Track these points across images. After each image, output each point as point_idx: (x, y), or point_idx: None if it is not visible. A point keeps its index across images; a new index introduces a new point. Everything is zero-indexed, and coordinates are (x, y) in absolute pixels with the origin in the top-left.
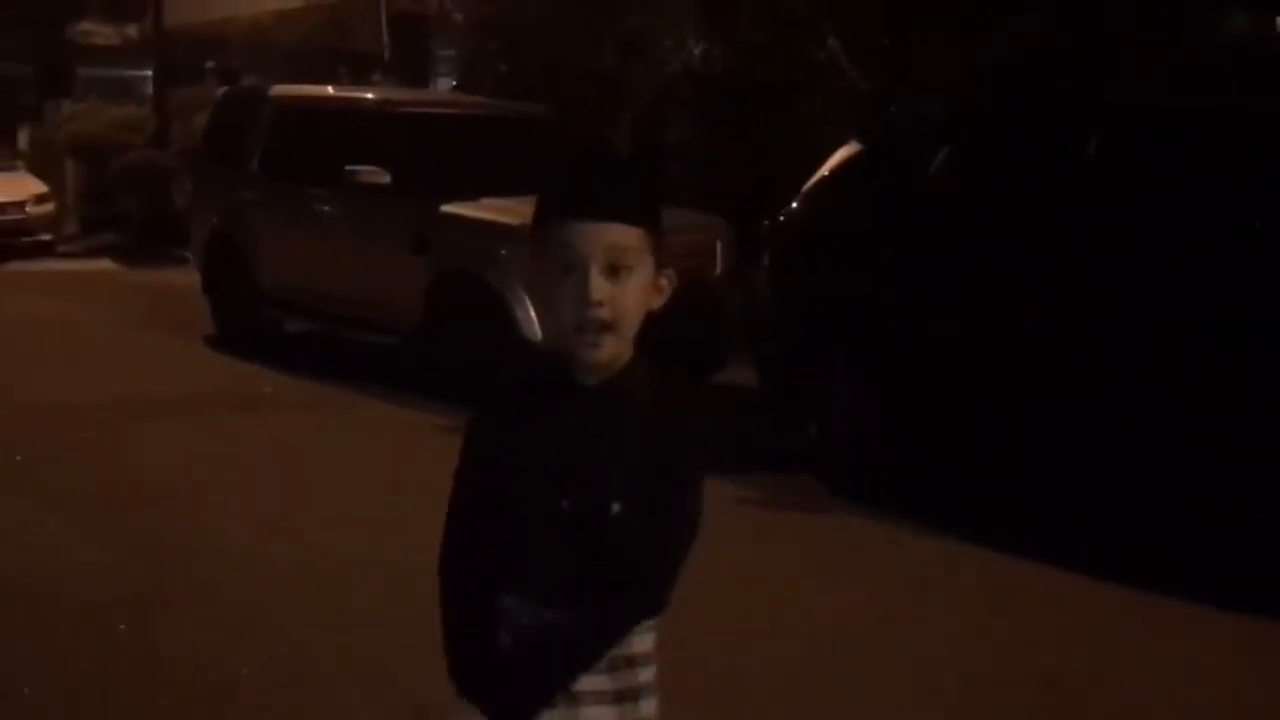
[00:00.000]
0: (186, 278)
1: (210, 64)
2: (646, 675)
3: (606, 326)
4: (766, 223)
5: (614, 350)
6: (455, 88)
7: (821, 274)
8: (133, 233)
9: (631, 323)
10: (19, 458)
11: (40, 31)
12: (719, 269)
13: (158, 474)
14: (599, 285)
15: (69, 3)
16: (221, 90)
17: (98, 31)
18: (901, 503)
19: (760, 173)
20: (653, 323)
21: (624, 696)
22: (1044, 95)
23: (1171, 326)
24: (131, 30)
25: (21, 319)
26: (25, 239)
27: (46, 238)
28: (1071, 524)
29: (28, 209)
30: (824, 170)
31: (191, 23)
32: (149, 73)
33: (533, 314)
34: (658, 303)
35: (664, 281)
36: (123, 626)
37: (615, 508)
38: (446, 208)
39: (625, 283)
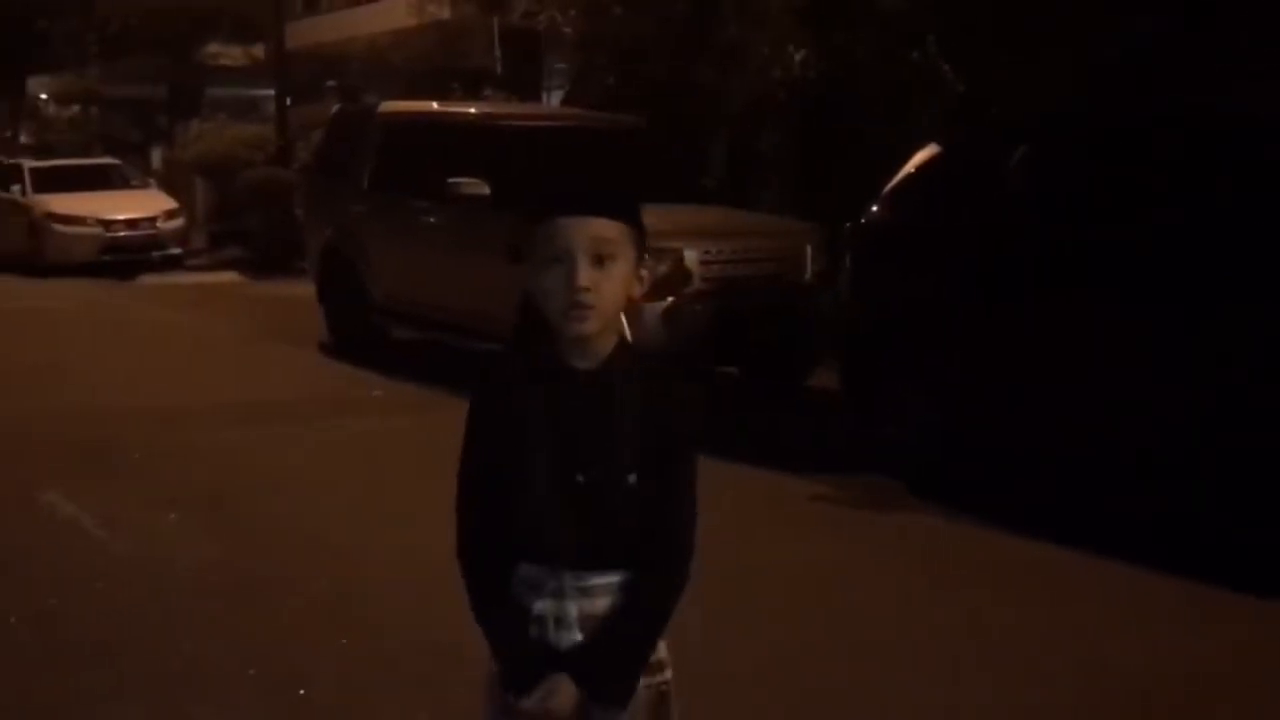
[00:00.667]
0: (306, 289)
1: (330, 83)
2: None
3: (590, 307)
4: (848, 226)
5: (598, 326)
6: (564, 101)
7: (899, 276)
8: (256, 246)
9: (614, 306)
10: (137, 456)
11: (172, 55)
12: (809, 273)
13: (269, 471)
14: (585, 272)
15: (199, 26)
16: (334, 108)
17: (225, 53)
18: (978, 503)
19: (857, 178)
20: (741, 325)
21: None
22: (1147, 99)
23: (1264, 331)
24: (258, 51)
25: (150, 328)
26: (156, 253)
27: (176, 251)
28: (1149, 525)
29: (159, 224)
30: (902, 173)
31: (313, 43)
32: (274, 92)
33: (623, 318)
34: (638, 291)
35: (644, 272)
36: (221, 608)
37: (631, 479)
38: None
39: (609, 270)
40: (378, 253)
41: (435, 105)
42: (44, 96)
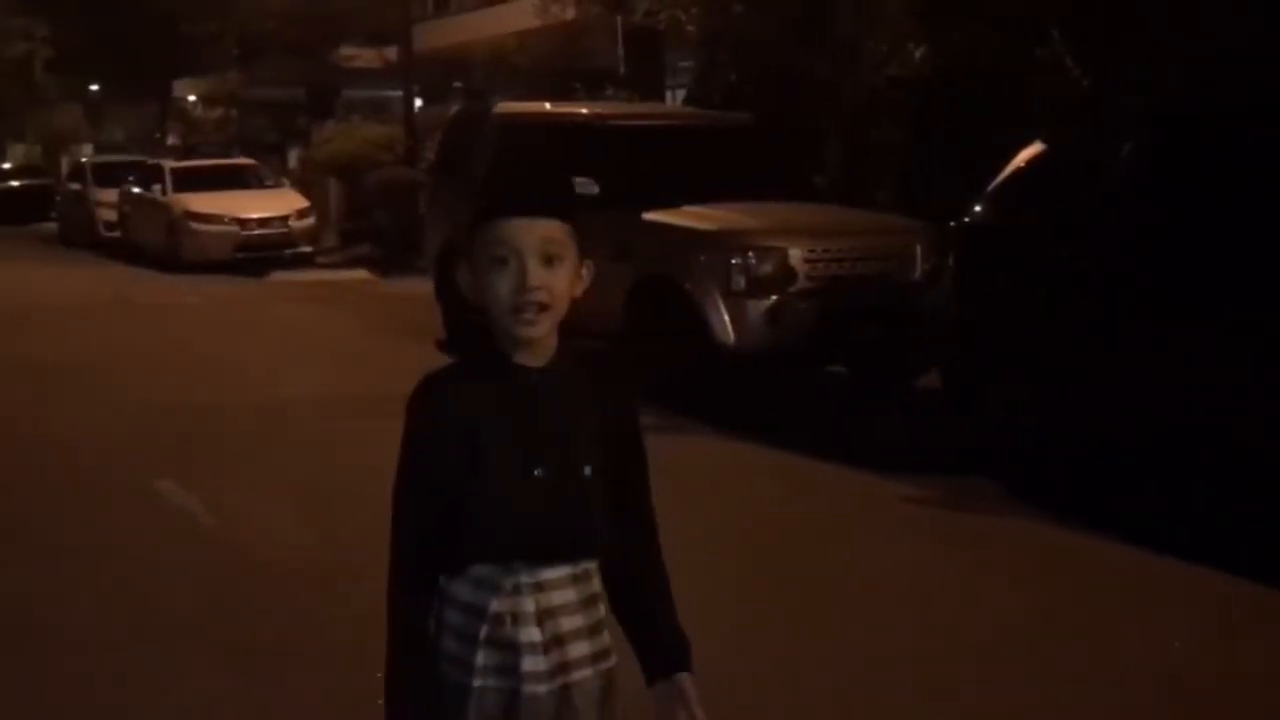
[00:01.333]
0: (430, 287)
1: (457, 84)
2: (603, 608)
3: (544, 307)
4: (951, 225)
5: (548, 327)
6: (685, 99)
7: (1002, 275)
8: (384, 245)
9: (563, 305)
10: (250, 446)
11: (308, 58)
12: (918, 272)
13: (372, 464)
14: (536, 272)
15: (334, 29)
16: (453, 110)
17: (359, 55)
18: (1076, 506)
19: (973, 177)
20: (847, 323)
21: (595, 630)
22: (1257, 94)
23: None
24: (390, 53)
25: (277, 324)
26: (288, 251)
27: (307, 249)
28: (1255, 533)
29: (291, 223)
30: (1007, 171)
31: (441, 45)
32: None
33: (726, 318)
34: (580, 289)
35: (585, 271)
36: (307, 592)
37: (587, 470)
38: (647, 215)
39: (557, 270)
40: None
41: (548, 106)
42: (192, 99)
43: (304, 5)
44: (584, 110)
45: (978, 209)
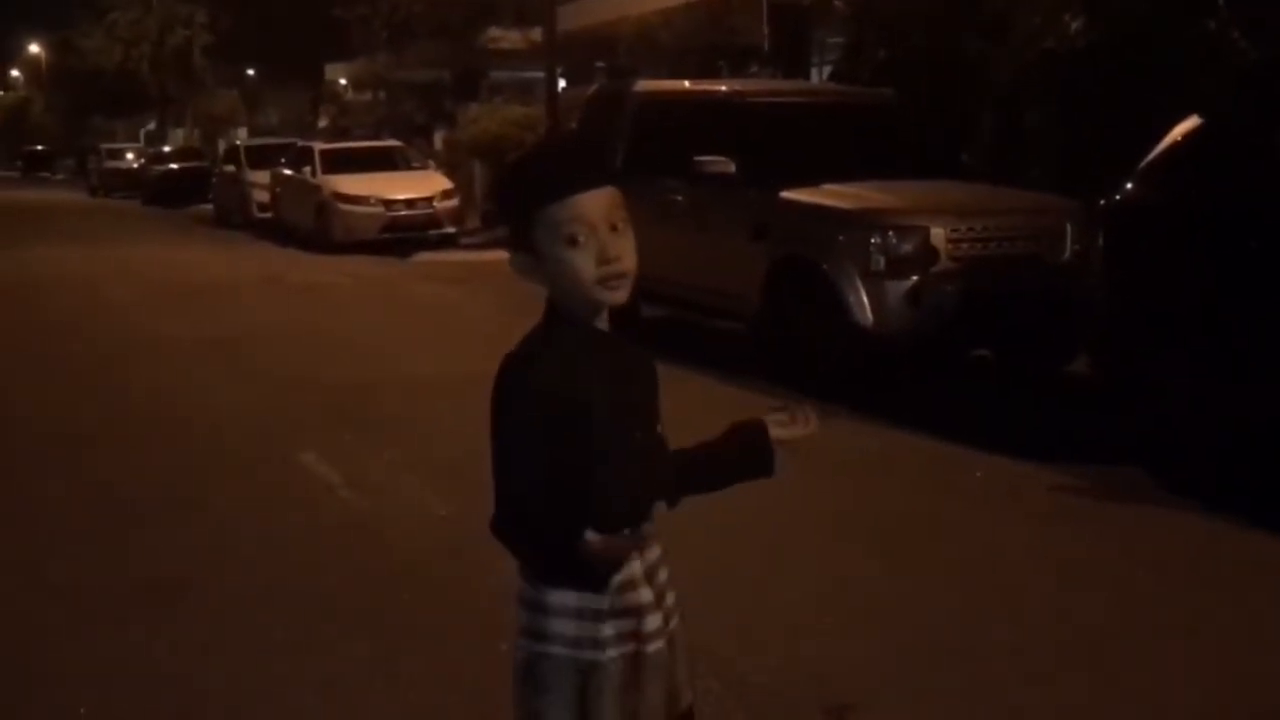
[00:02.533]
0: None
1: (600, 63)
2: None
3: (625, 274)
4: (1101, 203)
5: (629, 292)
6: (831, 77)
7: (1157, 256)
8: None
9: (634, 270)
10: (390, 421)
11: (455, 40)
12: (1068, 252)
13: None
14: (613, 241)
15: (480, 11)
16: (592, 89)
17: (505, 37)
18: (1229, 499)
19: (1132, 154)
20: (993, 306)
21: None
22: None
23: None
24: (536, 34)
25: (418, 303)
26: (433, 231)
27: (451, 230)
28: None
29: (435, 204)
30: (1160, 147)
31: (585, 25)
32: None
33: (865, 299)
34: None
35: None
36: (442, 565)
37: (660, 428)
38: (785, 194)
39: (624, 234)
40: None
41: (686, 84)
42: (343, 82)
43: None
44: (722, 88)
45: (1129, 187)
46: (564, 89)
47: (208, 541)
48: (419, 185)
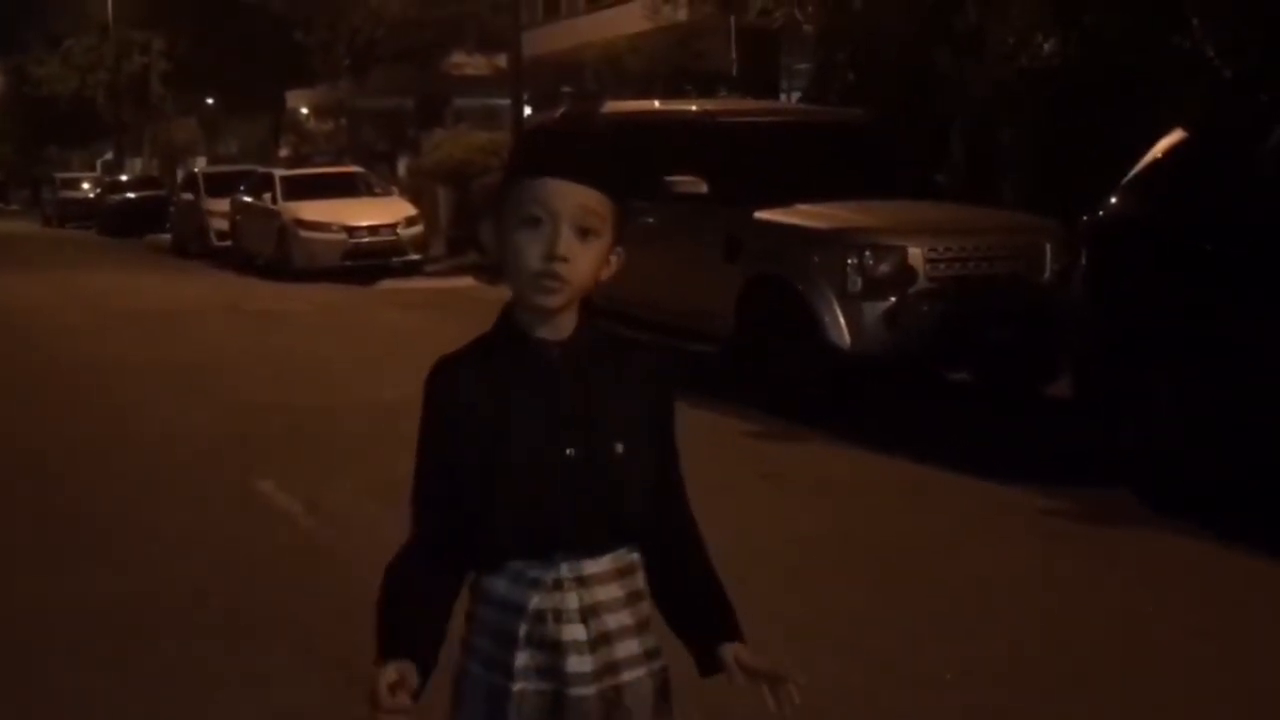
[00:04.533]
0: None
1: (566, 89)
2: (647, 605)
3: (565, 280)
4: (1084, 219)
5: (564, 301)
6: (801, 99)
7: (1141, 272)
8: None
9: (584, 283)
10: (352, 448)
11: (419, 66)
12: (1048, 272)
13: None
14: (567, 241)
15: (443, 36)
16: (559, 112)
17: (469, 63)
18: (1217, 521)
19: (1107, 172)
20: (972, 327)
21: (642, 628)
22: None
23: None
24: (500, 60)
25: (381, 330)
26: (396, 258)
27: (415, 257)
28: None
29: (399, 231)
30: (1144, 161)
31: (551, 51)
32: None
33: (841, 320)
34: (607, 275)
35: (615, 258)
36: None
37: (619, 448)
38: (759, 214)
39: (590, 245)
40: None
41: (656, 104)
42: (305, 111)
43: (414, 12)
44: (692, 107)
45: (1113, 202)
46: (530, 115)
47: (163, 572)
48: (382, 211)
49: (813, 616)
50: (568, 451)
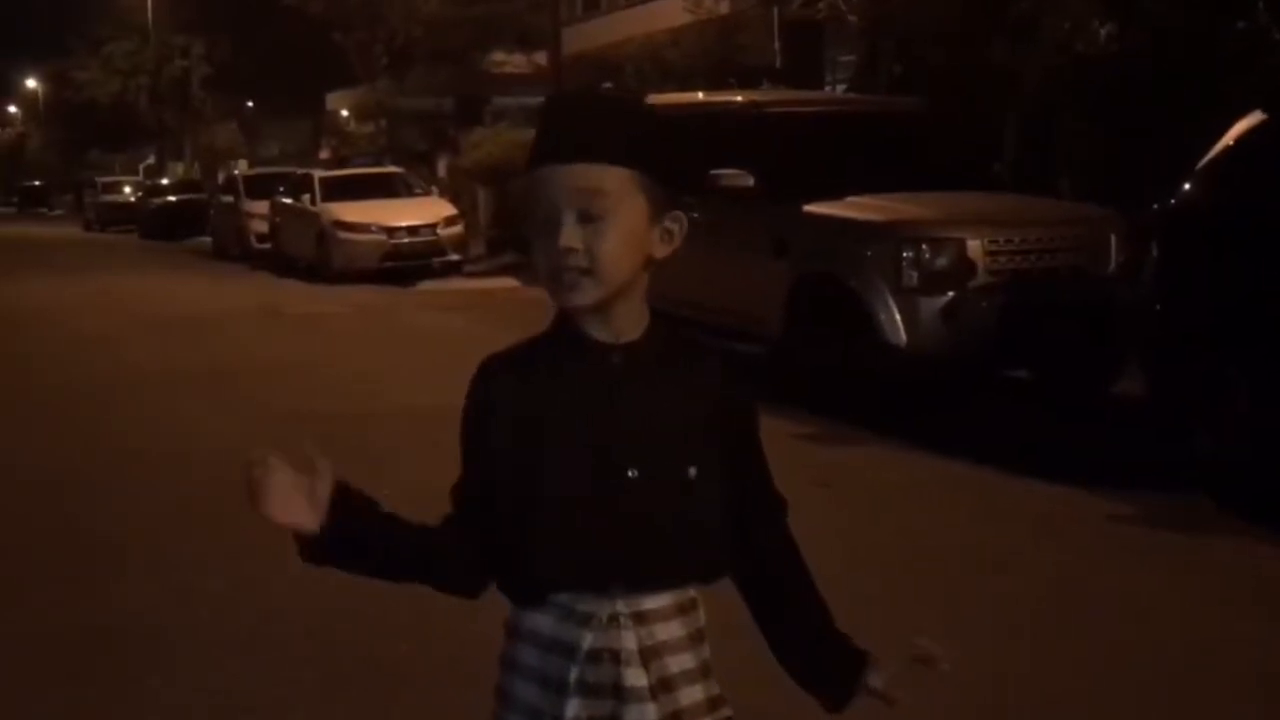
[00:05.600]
0: None
1: (606, 85)
2: (708, 647)
3: (584, 272)
4: (1155, 208)
5: (597, 295)
6: (846, 92)
7: (1220, 264)
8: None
9: (615, 270)
10: (378, 456)
11: (457, 65)
12: (1112, 264)
13: None
14: (570, 232)
15: (482, 35)
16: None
17: (508, 61)
18: None
19: (1169, 161)
20: (1033, 323)
21: (705, 672)
22: None
23: None
24: (540, 58)
25: (424, 333)
26: (436, 259)
27: (455, 258)
28: None
29: (438, 231)
30: (1221, 145)
31: (591, 47)
32: None
33: (897, 317)
34: (664, 250)
35: (671, 225)
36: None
37: (691, 471)
38: (808, 208)
39: (599, 228)
40: None
41: (700, 95)
42: (345, 113)
43: (451, 11)
44: (738, 98)
45: (1186, 189)
46: None
47: (178, 589)
48: (421, 212)
49: (880, 635)
50: (630, 473)
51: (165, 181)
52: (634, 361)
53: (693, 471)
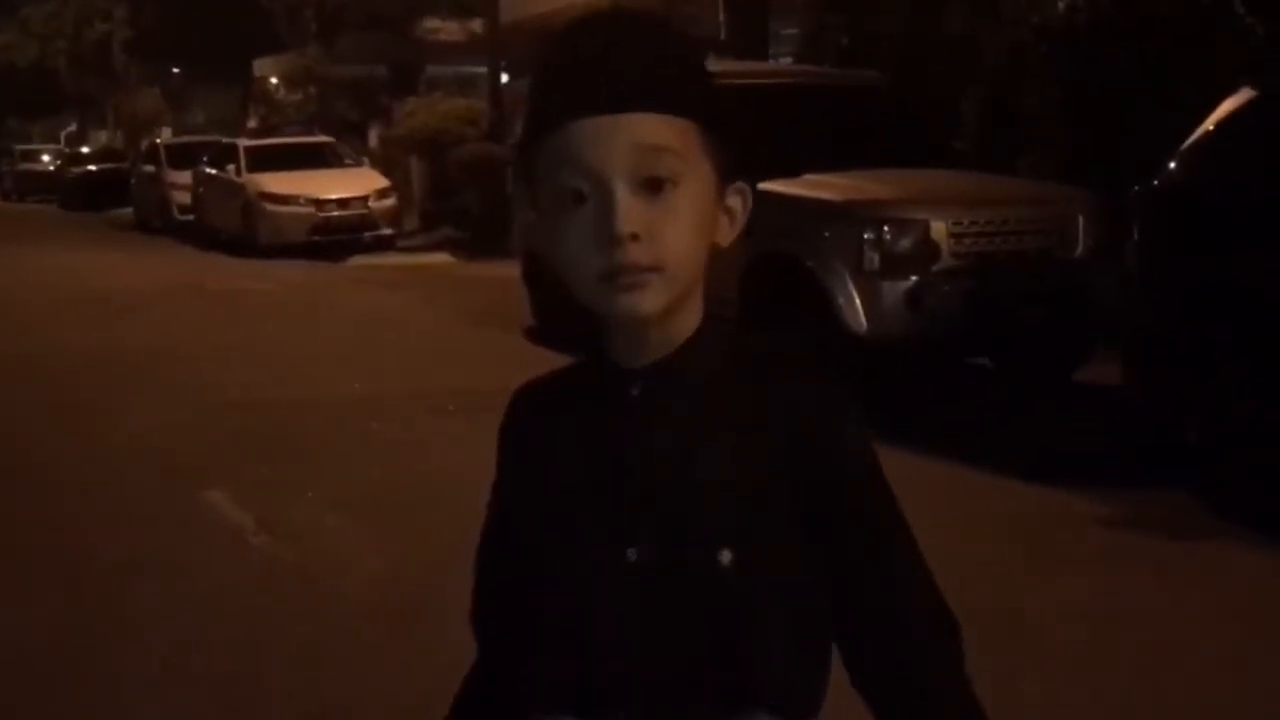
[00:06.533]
0: (518, 271)
1: None
2: None
3: (651, 267)
4: (1136, 189)
5: (666, 298)
6: (793, 64)
7: (1208, 248)
8: (468, 226)
9: (688, 261)
10: (313, 449)
11: (391, 32)
12: (1080, 247)
13: (452, 471)
14: (629, 208)
15: (416, 2)
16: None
17: (443, 28)
18: None
19: (1136, 137)
20: (999, 308)
21: None
22: None
23: None
24: (476, 25)
25: (351, 311)
26: (368, 233)
27: (388, 232)
28: None
29: (370, 204)
30: (1209, 124)
31: (530, 15)
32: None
33: (857, 302)
34: (729, 235)
35: (735, 200)
36: (380, 632)
37: (725, 557)
38: (764, 185)
39: (669, 201)
40: None
41: None
42: (274, 81)
43: None
44: None
45: (1172, 170)
46: (507, 83)
47: (95, 604)
48: (352, 183)
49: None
50: (628, 553)
51: (86, 150)
52: (663, 390)
53: (726, 556)
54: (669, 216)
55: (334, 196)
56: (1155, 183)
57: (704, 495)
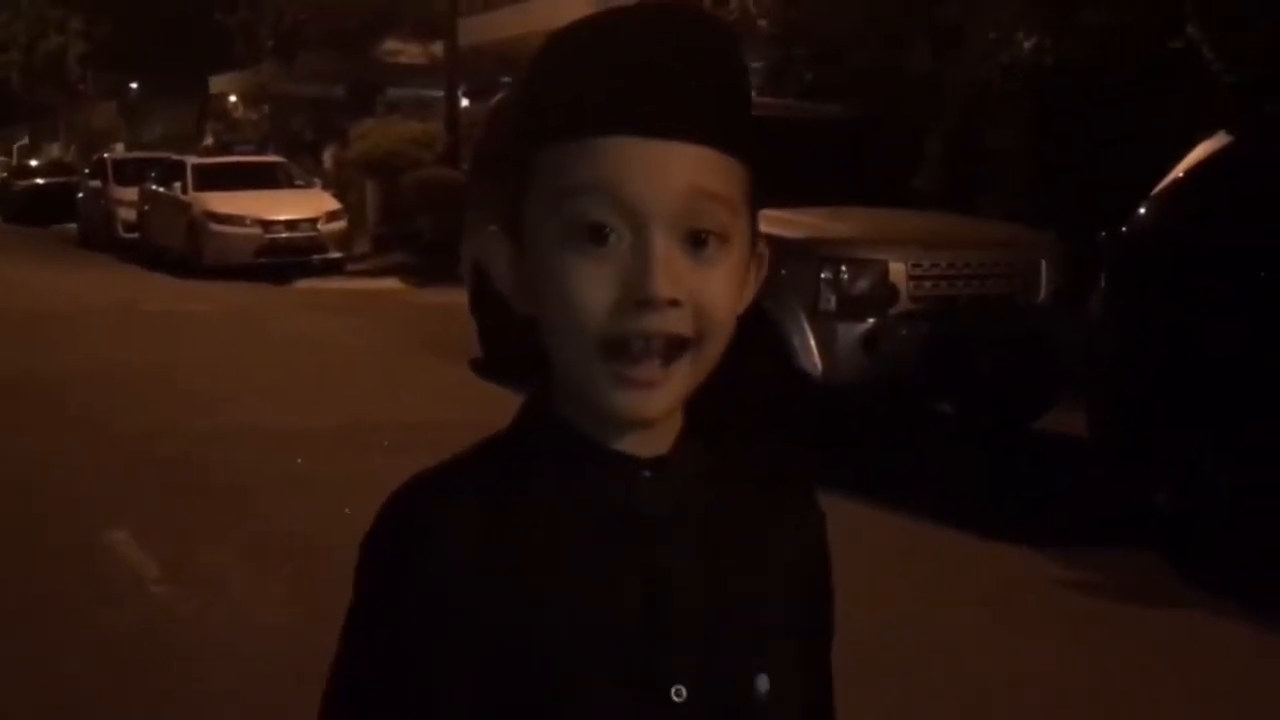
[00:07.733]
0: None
1: (506, 79)
2: None
3: (681, 345)
4: (1104, 235)
5: (681, 393)
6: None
7: (1179, 298)
8: (421, 251)
9: (722, 337)
10: (233, 486)
11: (349, 52)
12: (1044, 292)
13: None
14: (669, 264)
15: (376, 21)
16: (494, 100)
17: (403, 50)
18: (1269, 597)
19: (1101, 180)
20: (959, 353)
21: None
22: None
23: None
24: (436, 48)
25: (295, 338)
26: (316, 256)
27: (337, 255)
28: None
29: (320, 226)
30: (1180, 170)
31: (490, 39)
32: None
33: (812, 343)
34: (745, 304)
35: (755, 265)
36: (289, 693)
37: (762, 684)
38: None
39: (714, 260)
40: None
41: None
42: (233, 99)
43: None
44: None
45: (1141, 215)
46: (466, 107)
47: None
48: (302, 205)
49: None
50: (674, 692)
51: (34, 163)
52: (673, 487)
53: (763, 684)
54: (711, 280)
55: (282, 218)
56: (1124, 228)
57: (736, 613)
